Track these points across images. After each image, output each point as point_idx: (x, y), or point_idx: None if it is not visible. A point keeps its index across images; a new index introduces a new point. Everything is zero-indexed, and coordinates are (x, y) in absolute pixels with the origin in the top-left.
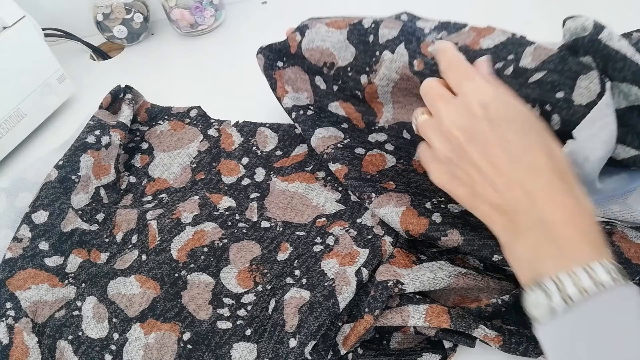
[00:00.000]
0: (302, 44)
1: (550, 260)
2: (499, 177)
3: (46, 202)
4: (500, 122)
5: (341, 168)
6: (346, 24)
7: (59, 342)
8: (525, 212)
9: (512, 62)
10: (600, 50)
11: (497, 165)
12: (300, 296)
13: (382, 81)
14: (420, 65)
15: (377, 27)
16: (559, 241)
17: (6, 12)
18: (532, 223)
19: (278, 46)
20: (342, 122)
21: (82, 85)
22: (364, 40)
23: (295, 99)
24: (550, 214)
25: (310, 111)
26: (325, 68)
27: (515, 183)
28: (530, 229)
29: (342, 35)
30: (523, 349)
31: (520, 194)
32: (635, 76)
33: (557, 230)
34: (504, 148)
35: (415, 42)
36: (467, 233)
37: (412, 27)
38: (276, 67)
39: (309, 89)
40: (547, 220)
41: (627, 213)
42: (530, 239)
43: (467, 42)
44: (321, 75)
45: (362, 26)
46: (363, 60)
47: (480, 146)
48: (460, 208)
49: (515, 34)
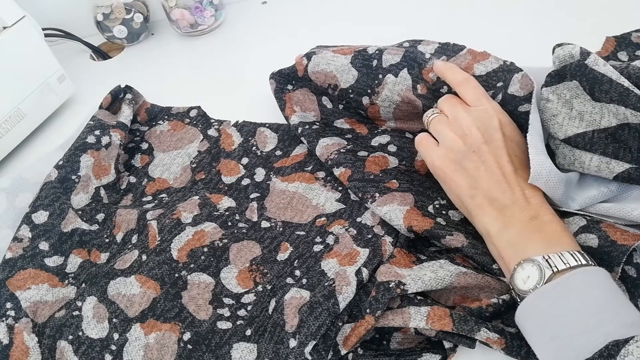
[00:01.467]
0: (308, 68)
1: (538, 244)
2: (503, 178)
3: (46, 202)
4: (511, 140)
5: (344, 171)
6: (351, 51)
7: (59, 342)
8: (520, 209)
9: (500, 90)
10: (587, 74)
11: (504, 170)
12: (301, 296)
13: (384, 102)
14: (423, 89)
15: (381, 54)
16: (548, 232)
17: (6, 12)
18: (525, 218)
19: (287, 71)
20: (346, 134)
21: (82, 85)
22: (367, 64)
23: (303, 117)
24: (543, 213)
25: (315, 126)
26: (330, 89)
27: (517, 186)
28: (521, 222)
29: (347, 60)
30: (525, 353)
31: (519, 195)
32: (621, 97)
33: (546, 225)
34: (512, 160)
35: (417, 68)
36: (471, 238)
37: (413, 53)
38: (286, 90)
39: (316, 108)
40: (538, 217)
41: (618, 210)
42: (521, 228)
43: (463, 66)
44: (327, 95)
45: (366, 52)
46: (365, 83)
47: (494, 150)
48: (460, 216)
49: (507, 61)
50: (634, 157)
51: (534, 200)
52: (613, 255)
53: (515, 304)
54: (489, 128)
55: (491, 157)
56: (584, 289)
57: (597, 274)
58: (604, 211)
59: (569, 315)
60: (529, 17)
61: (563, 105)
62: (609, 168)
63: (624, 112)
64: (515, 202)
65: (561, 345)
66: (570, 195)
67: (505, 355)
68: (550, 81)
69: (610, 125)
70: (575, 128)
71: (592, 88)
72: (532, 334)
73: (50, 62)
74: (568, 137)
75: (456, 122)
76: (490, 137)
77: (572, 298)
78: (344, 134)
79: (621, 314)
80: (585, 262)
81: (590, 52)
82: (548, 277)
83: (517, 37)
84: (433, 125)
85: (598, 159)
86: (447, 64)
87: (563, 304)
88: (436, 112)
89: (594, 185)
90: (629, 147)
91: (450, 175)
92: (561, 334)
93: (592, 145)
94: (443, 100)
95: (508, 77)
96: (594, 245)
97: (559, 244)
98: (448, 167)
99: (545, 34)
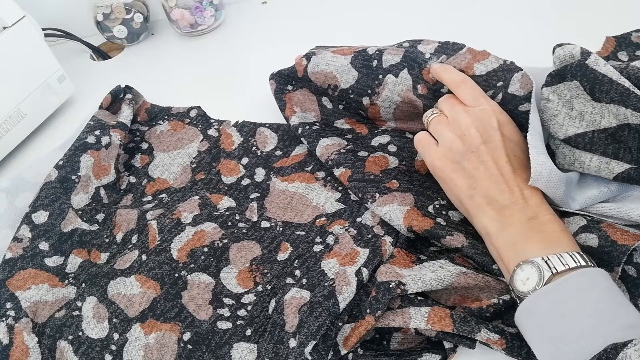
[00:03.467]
0: (307, 68)
1: (537, 244)
2: (502, 178)
3: (46, 202)
4: (510, 140)
5: (345, 171)
6: (351, 52)
7: (59, 342)
8: (519, 210)
9: (500, 89)
10: (587, 74)
11: (503, 170)
12: (301, 296)
13: (384, 102)
14: (424, 90)
15: (381, 54)
16: (547, 233)
17: (6, 12)
18: (524, 218)
19: (287, 71)
20: (347, 134)
21: (82, 85)
22: (367, 65)
23: (303, 117)
24: (542, 213)
25: (316, 126)
26: (330, 90)
27: (515, 186)
28: (520, 222)
29: (346, 60)
30: (525, 353)
31: (518, 195)
32: (622, 97)
33: (545, 225)
34: (510, 160)
35: (417, 69)
36: (471, 238)
37: (413, 53)
38: (286, 90)
39: (317, 108)
40: (537, 217)
41: (618, 210)
42: (520, 229)
43: (463, 66)
44: (327, 96)
45: (366, 52)
46: (365, 84)
47: (492, 150)
48: (460, 216)
49: (507, 61)
50: (634, 157)
51: (532, 200)
52: (613, 255)
53: (515, 304)
54: (488, 128)
55: (490, 157)
56: (583, 291)
57: (596, 275)
58: (604, 211)
59: (567, 318)
60: (528, 17)
61: (563, 105)
62: (608, 168)
63: (624, 113)
64: (514, 202)
65: (559, 348)
66: (571, 195)
67: (506, 355)
68: (551, 81)
69: (610, 125)
70: (575, 128)
71: (592, 88)
72: (531, 335)
73: (50, 62)
74: (568, 137)
75: (455, 122)
76: (488, 137)
77: (571, 300)
78: (344, 134)
79: (620, 316)
80: (584, 264)
81: (590, 52)
82: (547, 278)
83: (517, 38)
84: (432, 125)
85: (598, 159)
86: (443, 65)
87: (561, 306)
88: (436, 112)
89: (594, 185)
90: (628, 148)
91: (450, 176)
92: (560, 337)
93: (592, 146)
94: (442, 101)
95: (508, 77)
96: (594, 245)
97: (559, 245)
98: (447, 167)
99: (544, 34)
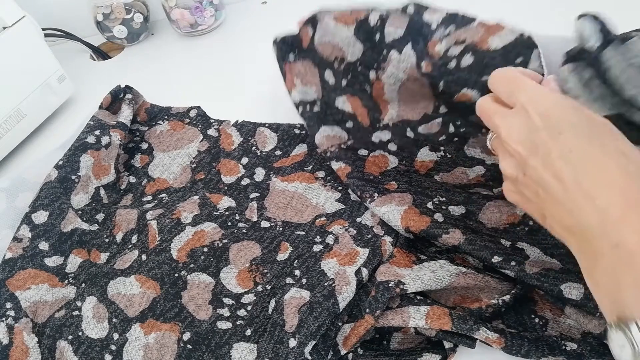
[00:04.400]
0: (314, 38)
1: (632, 292)
2: (565, 193)
3: (46, 202)
4: (562, 129)
5: (344, 167)
6: (353, 20)
7: (59, 342)
8: (597, 235)
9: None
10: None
11: (562, 178)
12: (300, 296)
13: (389, 79)
14: (428, 67)
15: (383, 25)
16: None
17: (6, 12)
18: (606, 248)
19: (290, 39)
20: (347, 120)
21: (82, 85)
22: (371, 38)
23: (304, 92)
24: (625, 236)
25: (316, 107)
26: (336, 62)
27: (583, 198)
28: (605, 255)
29: (350, 32)
30: (525, 352)
31: (590, 211)
32: None
33: (635, 257)
34: (566, 159)
35: (422, 42)
36: (468, 233)
37: (418, 23)
38: (287, 59)
39: (318, 82)
40: (621, 245)
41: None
42: (608, 265)
43: (476, 40)
44: (331, 69)
45: (368, 24)
46: (371, 57)
47: (543, 159)
48: (460, 211)
49: (523, 33)
50: None
51: (611, 210)
52: None
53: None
54: (529, 132)
55: (543, 170)
56: None
57: None
58: None
59: None
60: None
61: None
62: None
63: None
64: (587, 222)
65: None
66: None
67: (506, 354)
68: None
69: None
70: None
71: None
72: None
73: (50, 62)
74: None
75: (498, 140)
76: (533, 144)
77: None
78: (345, 122)
79: None
80: None
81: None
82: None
83: None
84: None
85: None
86: None
87: None
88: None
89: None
90: None
91: (526, 210)
92: None
93: None
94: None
95: (527, 53)
96: None
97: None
98: (519, 203)
99: None
